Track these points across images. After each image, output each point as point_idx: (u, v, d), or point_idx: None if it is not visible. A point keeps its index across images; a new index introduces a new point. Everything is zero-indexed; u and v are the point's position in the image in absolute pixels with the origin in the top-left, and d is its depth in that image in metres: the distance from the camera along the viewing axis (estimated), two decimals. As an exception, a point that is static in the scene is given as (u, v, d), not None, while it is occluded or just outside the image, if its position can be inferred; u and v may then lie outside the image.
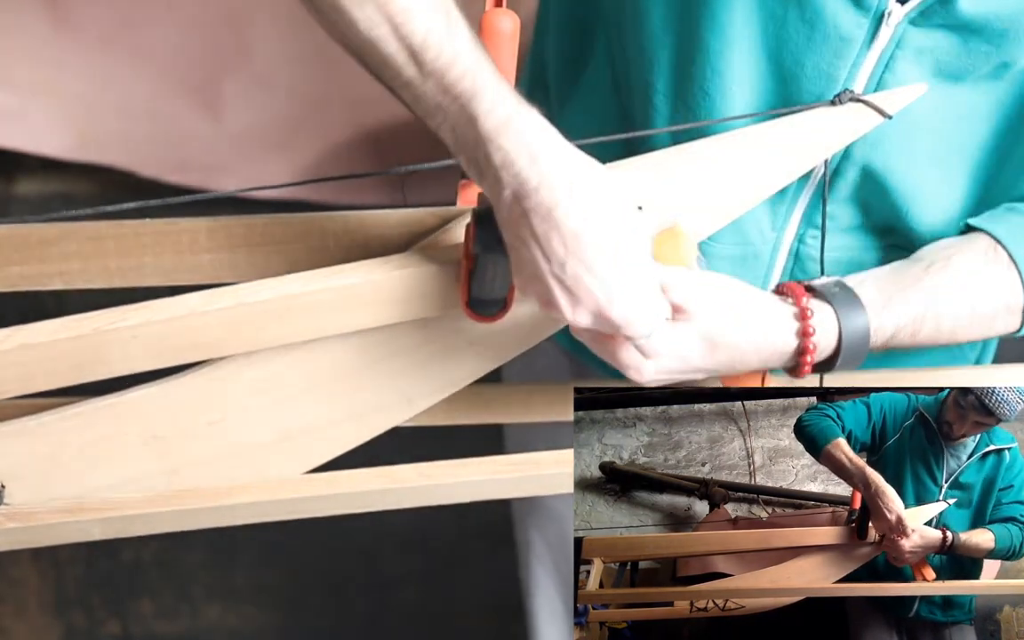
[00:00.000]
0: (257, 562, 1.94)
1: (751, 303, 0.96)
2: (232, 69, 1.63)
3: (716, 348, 0.93)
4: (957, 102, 1.02)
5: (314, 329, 0.92)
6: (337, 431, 0.99)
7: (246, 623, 1.98)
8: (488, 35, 0.93)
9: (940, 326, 1.01)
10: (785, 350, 0.96)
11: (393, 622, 2.00)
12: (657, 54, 1.02)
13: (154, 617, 1.97)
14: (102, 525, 0.93)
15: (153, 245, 0.95)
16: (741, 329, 0.94)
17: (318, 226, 0.95)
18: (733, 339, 0.93)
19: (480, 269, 0.89)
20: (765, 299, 0.97)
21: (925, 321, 1.01)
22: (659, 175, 0.97)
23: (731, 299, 0.94)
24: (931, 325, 1.01)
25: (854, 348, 0.97)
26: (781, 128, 0.99)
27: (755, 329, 0.94)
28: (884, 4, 0.96)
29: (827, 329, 0.97)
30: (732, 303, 0.94)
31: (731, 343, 0.93)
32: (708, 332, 0.92)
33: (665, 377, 0.93)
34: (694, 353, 0.92)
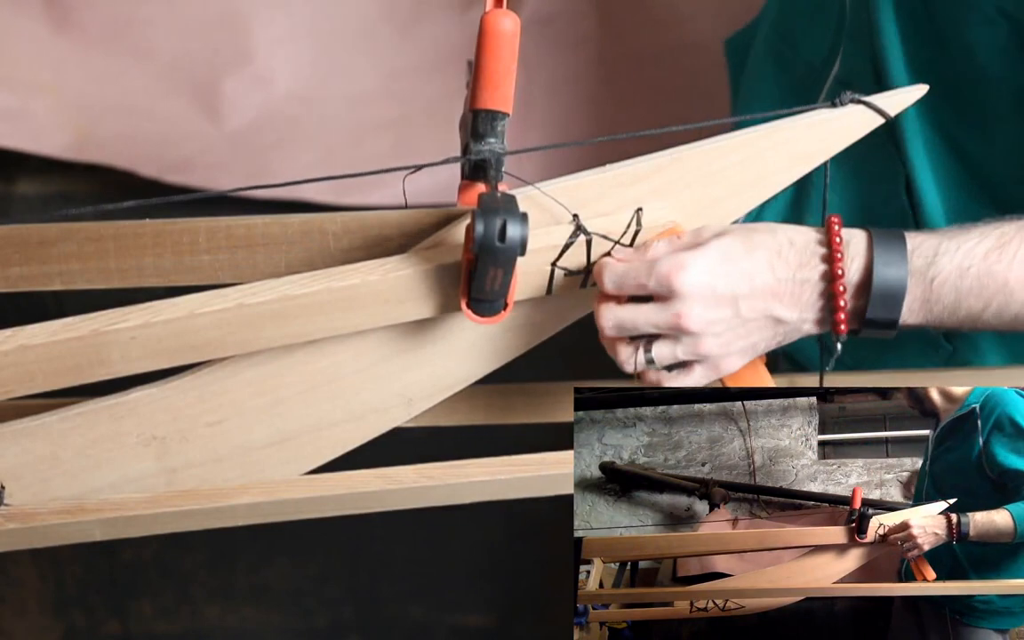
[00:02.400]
0: (257, 562, 1.94)
1: (766, 227, 0.95)
2: (232, 69, 1.63)
3: (733, 262, 0.91)
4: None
5: (314, 330, 0.92)
6: (337, 432, 0.99)
7: (246, 623, 1.98)
8: (488, 35, 0.92)
9: (992, 269, 0.92)
10: (810, 275, 0.93)
11: (393, 622, 2.00)
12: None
13: (154, 617, 1.97)
14: (102, 526, 0.93)
15: (153, 245, 0.95)
16: (758, 245, 0.92)
17: (318, 226, 0.95)
18: (763, 240, 0.92)
19: (480, 269, 0.89)
20: (787, 225, 0.95)
21: (974, 254, 0.92)
22: (660, 177, 0.97)
23: (751, 225, 0.94)
24: (981, 265, 0.92)
25: (888, 267, 0.91)
26: (781, 129, 0.99)
27: (781, 234, 0.93)
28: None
29: (856, 251, 0.92)
30: (752, 226, 0.94)
31: (764, 243, 0.92)
32: (726, 247, 0.91)
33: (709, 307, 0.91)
34: (717, 272, 0.91)
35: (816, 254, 0.93)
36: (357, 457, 0.99)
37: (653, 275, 0.91)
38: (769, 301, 0.93)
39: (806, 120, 1.00)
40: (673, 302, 0.91)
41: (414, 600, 1.98)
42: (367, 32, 1.66)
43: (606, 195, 0.96)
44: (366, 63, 1.66)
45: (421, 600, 1.98)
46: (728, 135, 0.99)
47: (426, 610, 1.99)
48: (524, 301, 0.96)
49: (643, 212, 0.96)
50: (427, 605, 1.99)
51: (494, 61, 0.92)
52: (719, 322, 0.92)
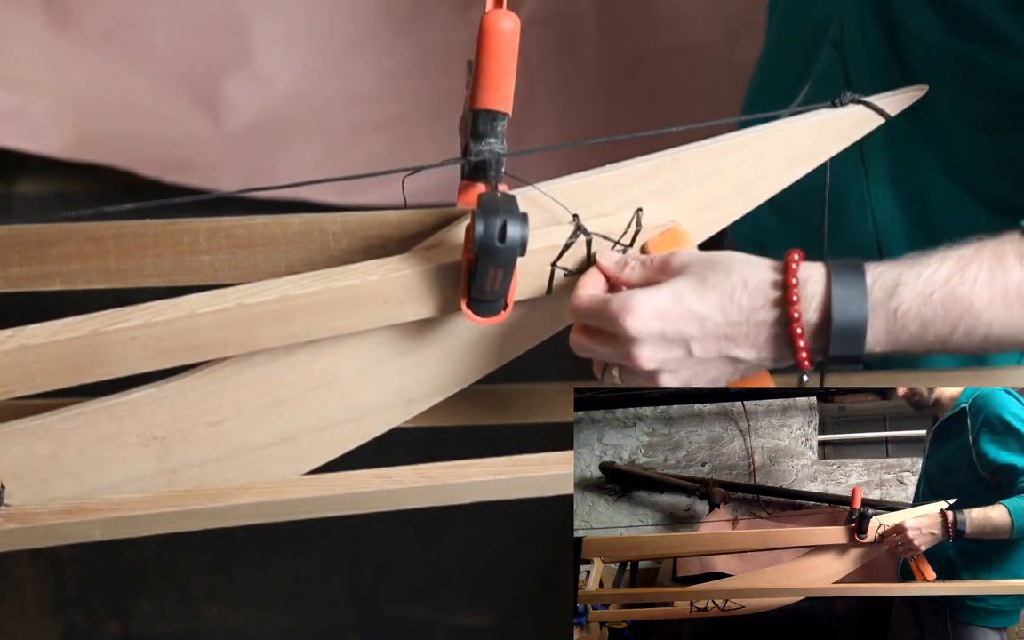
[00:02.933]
0: (257, 562, 1.94)
1: (733, 257, 0.94)
2: (232, 69, 1.63)
3: (684, 304, 0.91)
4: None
5: (314, 330, 0.92)
6: (337, 432, 0.99)
7: (246, 623, 1.98)
8: (488, 35, 0.92)
9: (956, 292, 0.91)
10: (763, 318, 0.91)
11: (393, 622, 2.00)
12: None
13: (154, 617, 1.97)
14: (102, 526, 0.93)
15: (153, 246, 0.95)
16: (712, 287, 0.91)
17: (318, 227, 0.95)
18: (718, 282, 0.91)
19: (480, 269, 0.89)
20: (749, 262, 0.94)
21: (935, 279, 0.91)
22: (660, 177, 0.97)
23: (723, 259, 0.93)
24: (944, 289, 0.91)
25: (849, 305, 0.90)
26: (781, 129, 0.99)
27: (736, 275, 0.92)
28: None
29: (814, 291, 0.91)
30: (714, 257, 0.93)
31: (717, 285, 0.91)
32: (678, 289, 0.91)
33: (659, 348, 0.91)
34: (667, 316, 0.91)
35: (770, 297, 0.91)
36: (357, 457, 0.99)
37: (606, 316, 0.92)
38: (722, 343, 0.92)
39: (806, 120, 1.00)
40: (623, 341, 0.91)
41: (414, 600, 1.98)
42: (367, 32, 1.66)
43: (606, 195, 0.96)
44: (365, 63, 1.66)
45: (421, 600, 1.98)
46: (728, 135, 0.99)
47: (426, 610, 1.99)
48: (524, 301, 0.96)
49: (643, 212, 0.96)
50: (427, 605, 1.99)
51: (494, 61, 0.92)
52: (671, 361, 0.92)
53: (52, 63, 1.61)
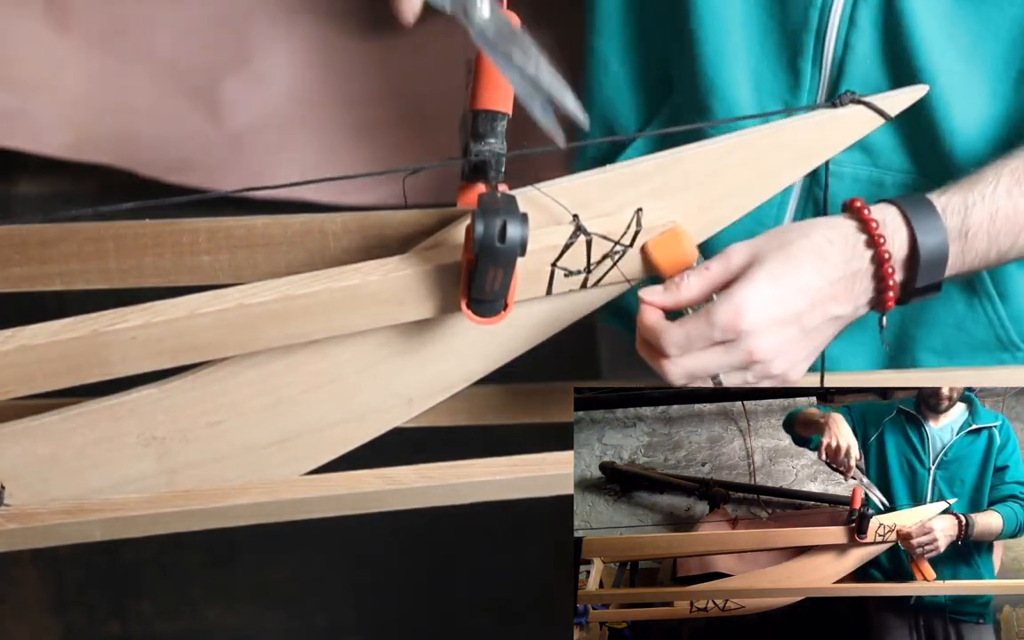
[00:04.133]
0: (257, 562, 1.94)
1: (797, 225, 0.94)
2: (232, 69, 1.63)
3: (783, 282, 0.91)
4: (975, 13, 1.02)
5: (314, 331, 0.92)
6: (337, 432, 0.99)
7: (246, 623, 1.98)
8: (488, 35, 0.92)
9: (1018, 205, 0.95)
10: (858, 266, 0.93)
11: (393, 622, 2.00)
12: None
13: (154, 617, 1.97)
14: (102, 526, 0.93)
15: (153, 246, 0.95)
16: (799, 254, 0.92)
17: (318, 227, 0.95)
18: (803, 248, 0.92)
19: (480, 270, 0.89)
20: (816, 222, 0.95)
21: (997, 196, 0.95)
22: (660, 177, 0.97)
23: (786, 231, 0.93)
24: (1006, 204, 0.95)
25: (930, 235, 0.92)
26: (781, 129, 0.99)
27: (815, 235, 0.92)
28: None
29: (895, 227, 0.93)
30: (774, 232, 0.94)
31: (804, 250, 0.92)
32: (771, 271, 0.91)
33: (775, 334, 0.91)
34: (773, 299, 0.90)
35: (858, 242, 0.93)
36: (357, 457, 0.99)
37: (717, 328, 0.90)
38: (827, 305, 0.93)
39: (806, 120, 1.00)
40: (742, 341, 0.91)
41: (414, 600, 1.98)
42: (367, 32, 1.66)
43: (606, 195, 0.96)
44: (365, 63, 1.66)
45: (421, 600, 1.98)
46: (728, 135, 0.99)
47: (426, 610, 1.99)
48: (524, 301, 0.96)
49: (643, 212, 0.96)
50: (427, 605, 1.99)
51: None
52: (786, 342, 0.92)
53: (52, 63, 1.60)
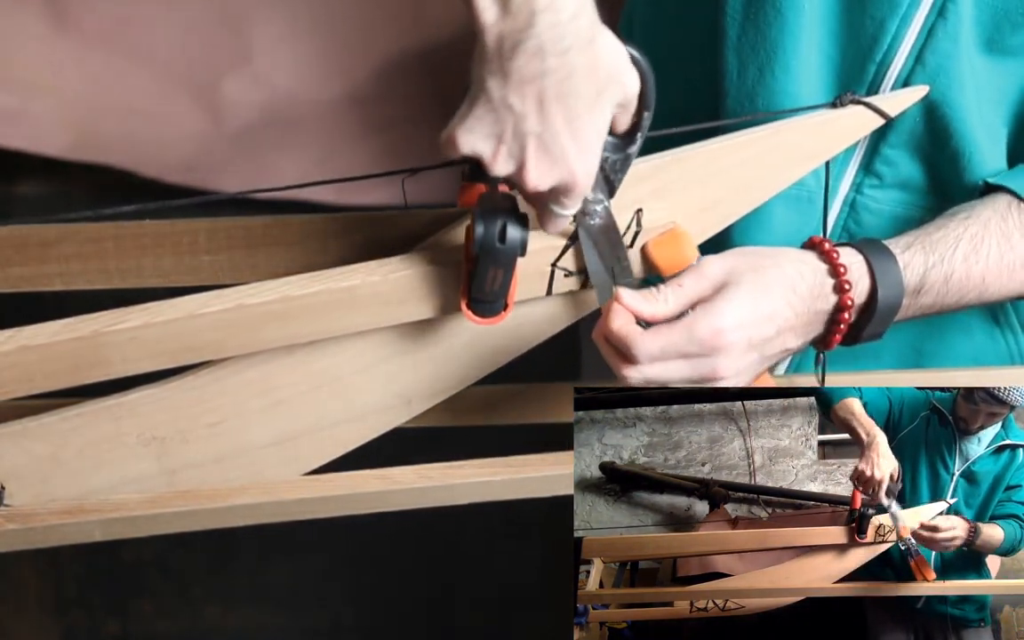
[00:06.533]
0: (257, 562, 1.94)
1: (772, 251, 0.95)
2: (232, 69, 1.63)
3: (758, 307, 0.91)
4: (1001, 64, 1.03)
5: (314, 331, 0.92)
6: (337, 432, 0.99)
7: (246, 623, 1.98)
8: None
9: (971, 271, 0.99)
10: (822, 306, 0.95)
11: (393, 622, 2.00)
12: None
13: (154, 617, 1.97)
14: (102, 526, 0.93)
15: (153, 247, 0.95)
16: (773, 283, 0.93)
17: (318, 227, 0.95)
18: (776, 278, 0.93)
19: (480, 270, 0.89)
20: (786, 252, 0.96)
21: (955, 261, 0.98)
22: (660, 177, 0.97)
23: (758, 255, 0.94)
24: (961, 269, 0.99)
25: (889, 290, 0.95)
26: (782, 129, 0.99)
27: (788, 267, 0.94)
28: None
29: (859, 275, 0.95)
30: (761, 256, 0.94)
31: (777, 281, 0.93)
32: (750, 293, 0.91)
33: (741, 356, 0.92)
34: (748, 322, 0.91)
35: (826, 284, 0.95)
36: (357, 457, 0.99)
37: (695, 343, 0.90)
38: (787, 336, 0.94)
39: (806, 120, 1.00)
40: (711, 358, 0.91)
41: (414, 600, 1.99)
42: (367, 32, 1.66)
43: (606, 195, 0.96)
44: (365, 63, 1.66)
45: (421, 600, 1.99)
46: (728, 135, 0.99)
47: (426, 610, 1.99)
48: (524, 301, 0.96)
49: (643, 212, 0.96)
50: (427, 605, 1.99)
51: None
52: (746, 365, 0.93)
53: (52, 63, 1.60)
